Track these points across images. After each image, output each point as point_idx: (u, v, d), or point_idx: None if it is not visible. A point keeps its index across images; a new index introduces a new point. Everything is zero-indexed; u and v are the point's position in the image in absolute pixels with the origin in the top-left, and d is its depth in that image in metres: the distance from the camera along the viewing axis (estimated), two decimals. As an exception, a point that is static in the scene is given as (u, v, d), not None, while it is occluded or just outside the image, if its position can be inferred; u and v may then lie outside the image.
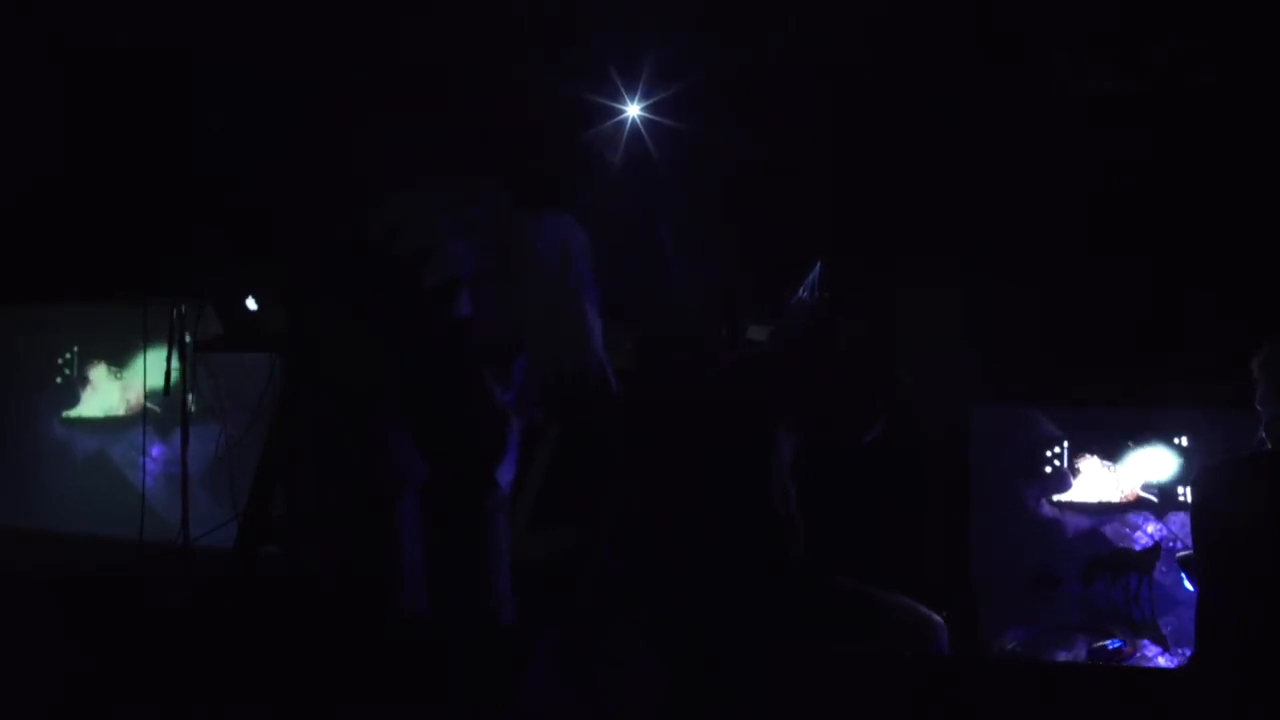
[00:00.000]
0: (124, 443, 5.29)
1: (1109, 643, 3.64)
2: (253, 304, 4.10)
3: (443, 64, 4.48)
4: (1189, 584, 3.55)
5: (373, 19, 4.60)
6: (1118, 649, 3.61)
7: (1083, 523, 4.12)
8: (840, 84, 4.48)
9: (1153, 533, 4.06)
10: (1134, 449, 4.09)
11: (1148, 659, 3.60)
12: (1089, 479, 4.13)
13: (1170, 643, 3.66)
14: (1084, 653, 3.67)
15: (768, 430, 2.77)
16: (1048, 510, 4.14)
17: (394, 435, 2.67)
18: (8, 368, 5.57)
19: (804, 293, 2.99)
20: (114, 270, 4.95)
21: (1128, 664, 3.58)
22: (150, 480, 5.05)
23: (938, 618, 2.67)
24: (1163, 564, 3.88)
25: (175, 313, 4.49)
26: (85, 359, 5.45)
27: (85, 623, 3.19)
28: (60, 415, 5.47)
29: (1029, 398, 4.22)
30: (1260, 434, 2.79)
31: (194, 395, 4.59)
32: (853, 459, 3.41)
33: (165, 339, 4.53)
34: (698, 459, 2.80)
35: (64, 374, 5.49)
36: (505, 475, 2.80)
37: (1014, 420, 4.23)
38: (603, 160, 2.99)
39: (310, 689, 2.60)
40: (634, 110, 3.96)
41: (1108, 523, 4.11)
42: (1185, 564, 3.40)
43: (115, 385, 5.36)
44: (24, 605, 3.39)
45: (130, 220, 5.05)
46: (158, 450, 5.14)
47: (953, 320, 4.15)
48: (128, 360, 5.30)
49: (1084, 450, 4.15)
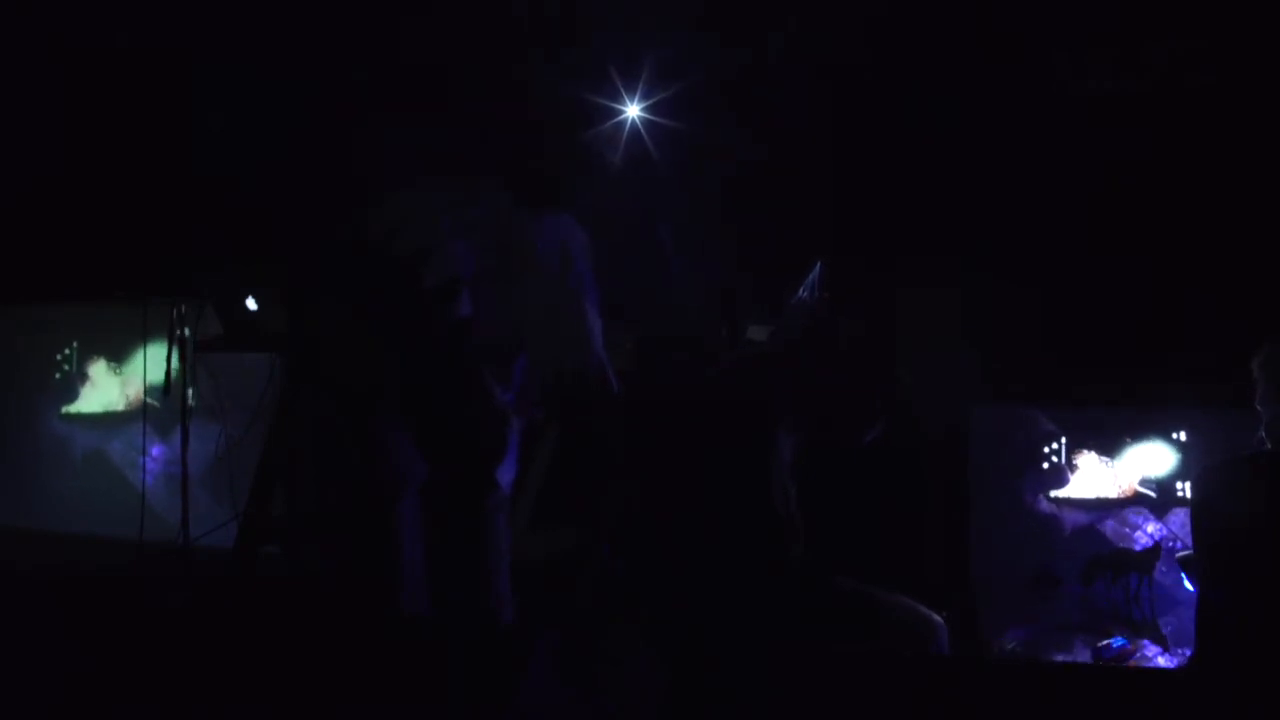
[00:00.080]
0: (123, 440, 5.29)
1: (1113, 641, 3.63)
2: (253, 304, 4.10)
3: (443, 64, 4.48)
4: (1189, 584, 3.55)
5: (373, 19, 4.60)
6: (1123, 648, 3.60)
7: (1082, 520, 4.11)
8: (840, 84, 4.48)
9: (1153, 533, 4.05)
10: (1132, 444, 4.09)
11: (1148, 659, 3.60)
12: (1087, 474, 4.13)
13: (1170, 643, 3.66)
14: (1086, 652, 3.67)
15: (768, 430, 2.77)
16: (1046, 506, 4.14)
17: (394, 435, 2.67)
18: (8, 368, 5.57)
19: (804, 293, 2.99)
20: (114, 270, 4.95)
21: (1128, 664, 3.58)
22: (150, 480, 5.05)
23: (938, 618, 2.67)
24: (1163, 564, 3.88)
25: (175, 313, 4.49)
26: (84, 355, 5.45)
27: (85, 623, 3.18)
28: (59, 411, 5.47)
29: (1029, 398, 4.22)
30: (1260, 434, 2.79)
31: (194, 390, 4.59)
32: (853, 459, 3.41)
33: (165, 338, 4.53)
34: (698, 459, 2.80)
35: (63, 370, 5.49)
36: (505, 475, 2.80)
37: (1014, 420, 4.23)
38: (603, 160, 2.99)
39: (310, 689, 2.60)
40: (634, 110, 3.96)
41: (1107, 521, 4.11)
42: (1185, 564, 3.40)
43: (115, 381, 5.36)
44: (24, 605, 3.38)
45: (130, 220, 5.05)
46: (158, 450, 5.14)
47: (953, 320, 4.15)
48: (127, 356, 5.30)
49: (1082, 446, 4.15)
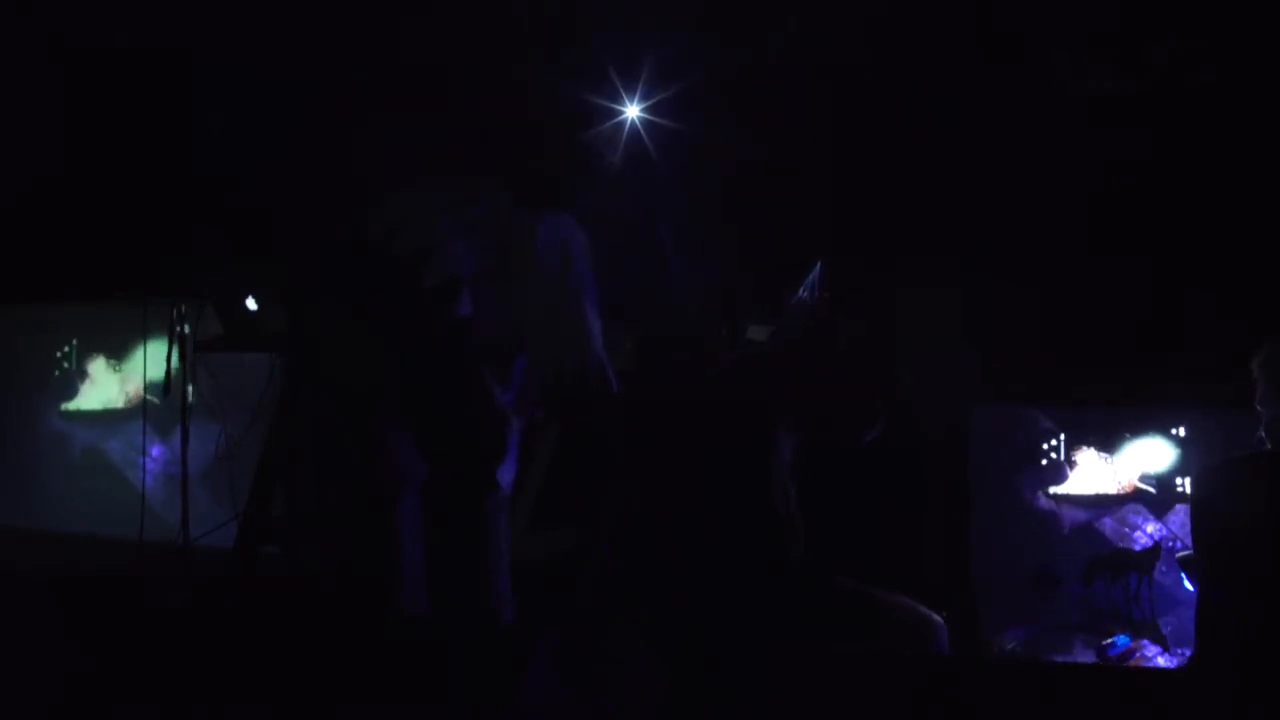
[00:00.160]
0: (123, 440, 5.29)
1: (1116, 639, 3.63)
2: (253, 304, 4.10)
3: (443, 64, 4.48)
4: (1189, 584, 3.55)
5: (373, 19, 4.60)
6: (1128, 646, 3.60)
7: (1081, 518, 4.11)
8: (840, 84, 4.48)
9: (1153, 533, 4.06)
10: (1131, 440, 4.09)
11: (1148, 659, 3.60)
12: (1086, 471, 4.13)
13: (1170, 643, 3.66)
14: (1086, 653, 3.66)
15: (768, 430, 2.77)
16: (1045, 504, 4.14)
17: (394, 435, 2.67)
18: (8, 367, 5.57)
19: (804, 293, 2.99)
20: (114, 270, 4.95)
21: (1129, 664, 3.58)
22: (150, 480, 5.05)
23: (938, 618, 2.67)
24: (1163, 564, 3.88)
25: (175, 312, 4.49)
26: (84, 352, 5.45)
27: (85, 623, 3.18)
28: (59, 408, 5.47)
29: (1029, 397, 4.22)
30: (1260, 434, 2.79)
31: (193, 388, 4.59)
32: (853, 459, 3.41)
33: (165, 338, 4.53)
34: (698, 459, 2.80)
35: (62, 367, 5.49)
36: (505, 475, 2.80)
37: (1014, 420, 4.23)
38: (603, 160, 2.99)
39: (310, 689, 2.60)
40: (634, 110, 3.96)
41: (1107, 521, 4.11)
42: (1185, 564, 3.40)
43: (114, 378, 5.36)
44: (24, 605, 3.38)
45: (130, 220, 5.05)
46: (157, 450, 5.14)
47: (953, 320, 4.15)
48: (127, 355, 5.30)
49: (1081, 442, 4.15)
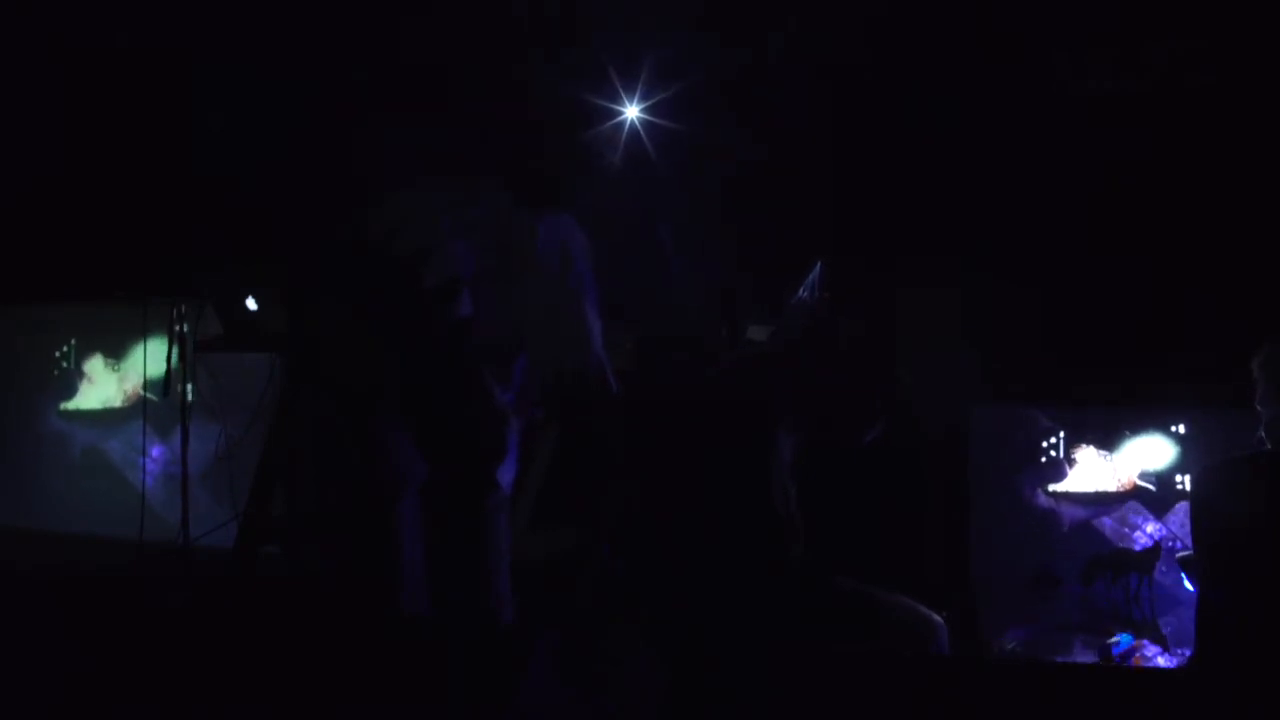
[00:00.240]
0: (123, 440, 5.28)
1: (1119, 637, 3.62)
2: (253, 304, 4.10)
3: (443, 64, 4.48)
4: (1189, 584, 3.55)
5: (373, 19, 4.60)
6: (1130, 645, 3.59)
7: (1081, 516, 4.12)
8: (840, 84, 4.48)
9: (1152, 533, 4.06)
10: (1131, 437, 4.09)
11: (1148, 659, 3.60)
12: (1085, 468, 4.13)
13: (1170, 643, 3.65)
14: (1086, 653, 3.66)
15: (768, 430, 2.77)
16: (1044, 502, 4.14)
17: (394, 435, 2.67)
18: (8, 367, 5.57)
19: (804, 293, 2.99)
20: (114, 270, 4.95)
21: (1128, 663, 3.58)
22: (150, 480, 5.04)
23: (938, 618, 2.67)
24: (1163, 564, 3.88)
25: (175, 312, 4.49)
26: (83, 352, 5.45)
27: (85, 623, 3.18)
28: (58, 408, 5.47)
29: (1029, 397, 4.23)
30: (1260, 434, 2.79)
31: (192, 387, 4.59)
32: (853, 459, 3.41)
33: (165, 338, 4.53)
34: (698, 459, 2.80)
35: (61, 366, 5.48)
36: (505, 475, 2.80)
37: (1014, 420, 4.23)
38: (602, 160, 2.99)
39: (310, 689, 2.60)
40: (634, 110, 3.96)
41: (1107, 520, 4.11)
42: (1185, 564, 3.40)
43: (113, 378, 5.36)
44: (24, 605, 3.38)
45: (130, 220, 5.05)
46: (157, 450, 5.14)
47: (953, 320, 4.15)
48: (126, 354, 5.30)
49: (1080, 440, 4.15)
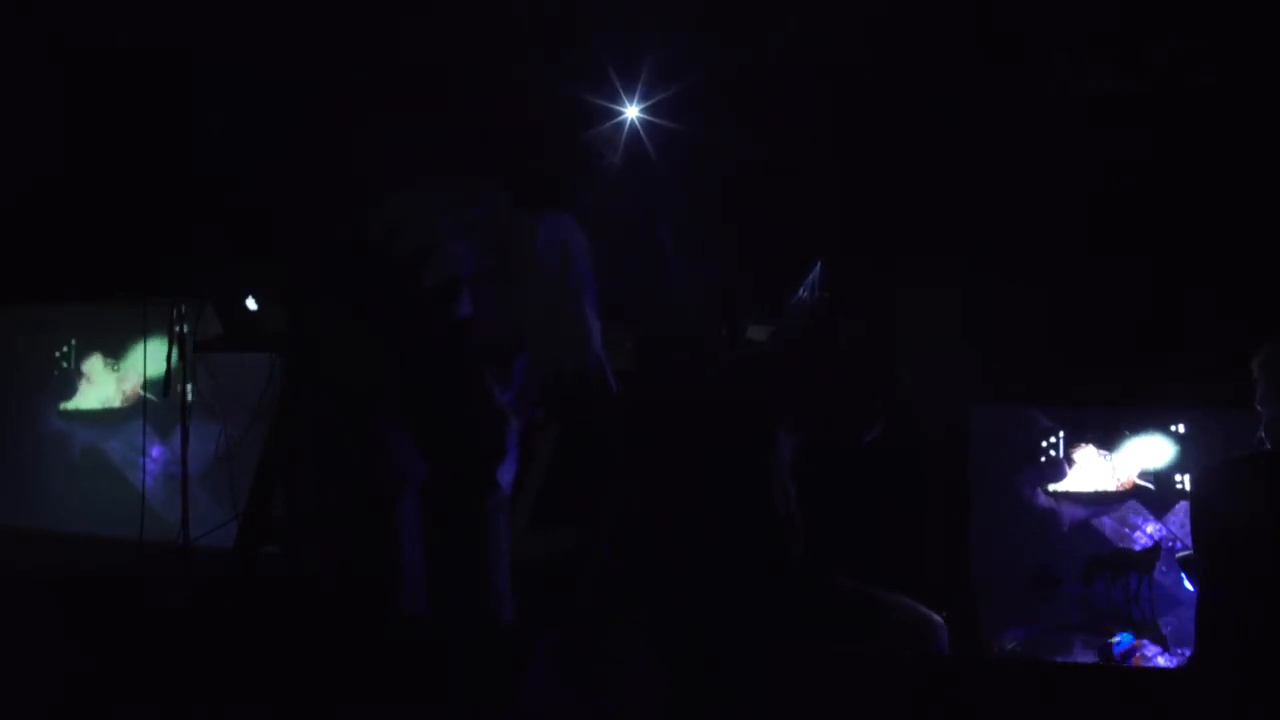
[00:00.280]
0: (123, 440, 5.28)
1: (1120, 636, 3.62)
2: (253, 304, 4.10)
3: (443, 64, 4.48)
4: (1189, 584, 3.55)
5: (373, 19, 4.60)
6: (1131, 645, 3.59)
7: (1080, 515, 4.12)
8: (840, 84, 4.48)
9: (1153, 533, 4.06)
10: (1130, 436, 4.09)
11: (1148, 659, 3.60)
12: (1085, 468, 4.13)
13: (1170, 643, 3.65)
14: (1086, 653, 3.66)
15: (768, 430, 2.77)
16: (1044, 501, 4.14)
17: (394, 435, 2.67)
18: (7, 367, 5.57)
19: (804, 293, 2.99)
20: (114, 270, 4.95)
21: (1129, 663, 3.58)
22: (150, 480, 5.04)
23: (938, 618, 2.67)
24: (1163, 564, 3.88)
25: (175, 312, 4.49)
26: (83, 351, 5.45)
27: (85, 623, 3.18)
28: (58, 408, 5.47)
29: (1029, 397, 4.23)
30: (1260, 434, 2.79)
31: (191, 387, 4.59)
32: (853, 459, 3.41)
33: (165, 338, 4.53)
34: (698, 459, 2.80)
35: (61, 366, 5.48)
36: (505, 475, 2.80)
37: (1014, 420, 4.23)
38: (603, 160, 2.99)
39: (310, 689, 2.60)
40: (634, 110, 3.96)
41: (1107, 520, 4.11)
42: (1185, 564, 3.40)
43: (112, 377, 5.36)
44: (24, 605, 3.39)
45: (130, 220, 5.05)
46: (157, 450, 5.14)
47: (953, 320, 4.15)
48: (126, 354, 5.29)
49: (1080, 440, 4.15)
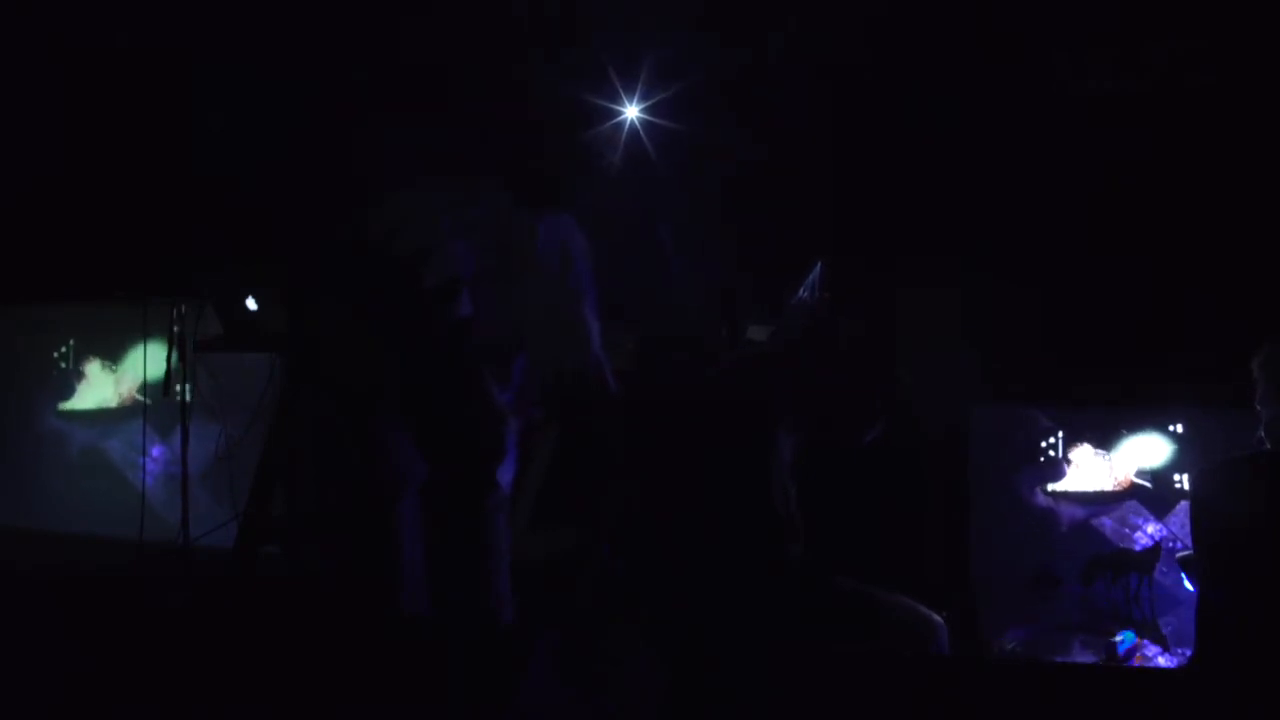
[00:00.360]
0: (122, 440, 5.28)
1: (1122, 635, 3.62)
2: (253, 304, 4.10)
3: (443, 64, 4.48)
4: (1189, 584, 3.55)
5: (373, 19, 4.60)
6: (1133, 644, 3.59)
7: (1080, 515, 4.12)
8: (840, 84, 4.48)
9: (1153, 533, 4.06)
10: (1128, 436, 4.09)
11: (1148, 659, 3.60)
12: (1083, 468, 4.13)
13: (1170, 643, 3.65)
14: (1086, 653, 3.66)
15: (768, 430, 2.77)
16: (1043, 501, 4.14)
17: (394, 435, 2.67)
18: (7, 367, 5.56)
19: (804, 293, 2.99)
20: (114, 270, 4.95)
21: (1131, 662, 3.58)
22: (150, 480, 5.04)
23: (938, 618, 2.67)
24: (1163, 564, 3.88)
25: (175, 312, 4.49)
26: (82, 352, 5.44)
27: (85, 623, 3.18)
28: (57, 408, 5.47)
29: (1029, 397, 4.23)
30: (1260, 434, 2.79)
31: (190, 386, 4.59)
32: (853, 459, 3.41)
33: (164, 338, 4.53)
34: (698, 459, 2.80)
35: (60, 366, 5.48)
36: (505, 475, 2.80)
37: (1013, 420, 4.23)
38: (603, 160, 2.99)
39: (310, 689, 2.60)
40: (634, 110, 3.96)
41: (1107, 520, 4.11)
42: (1185, 564, 3.40)
43: (111, 378, 5.36)
44: (24, 605, 3.38)
45: (130, 220, 5.05)
46: (157, 450, 5.14)
47: (953, 320, 4.15)
48: (125, 354, 5.29)
49: (1078, 439, 4.15)
